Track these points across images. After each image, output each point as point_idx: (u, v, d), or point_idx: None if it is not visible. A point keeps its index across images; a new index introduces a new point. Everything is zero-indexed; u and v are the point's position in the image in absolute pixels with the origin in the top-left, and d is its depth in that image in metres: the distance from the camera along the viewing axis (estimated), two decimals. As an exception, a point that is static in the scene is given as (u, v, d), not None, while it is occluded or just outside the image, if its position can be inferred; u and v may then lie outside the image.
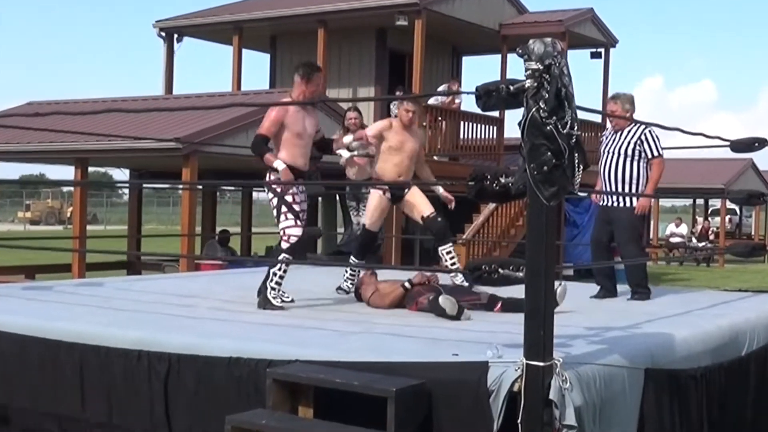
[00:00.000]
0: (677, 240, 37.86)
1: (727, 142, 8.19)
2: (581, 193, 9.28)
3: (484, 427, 4.83)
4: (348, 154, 9.11)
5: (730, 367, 6.70)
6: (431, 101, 20.65)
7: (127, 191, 27.05)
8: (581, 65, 25.96)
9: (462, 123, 21.20)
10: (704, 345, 6.43)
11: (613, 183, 8.95)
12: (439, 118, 20.46)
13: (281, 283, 7.92)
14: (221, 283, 10.11)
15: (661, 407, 5.71)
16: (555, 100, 4.57)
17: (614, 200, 8.98)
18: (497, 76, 22.19)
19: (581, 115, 4.95)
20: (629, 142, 8.90)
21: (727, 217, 42.48)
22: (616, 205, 9.01)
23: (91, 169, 19.48)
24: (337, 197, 21.89)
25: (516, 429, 4.71)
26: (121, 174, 24.83)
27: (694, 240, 38.89)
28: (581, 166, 4.74)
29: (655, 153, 8.89)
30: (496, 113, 21.47)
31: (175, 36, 23.54)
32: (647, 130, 8.86)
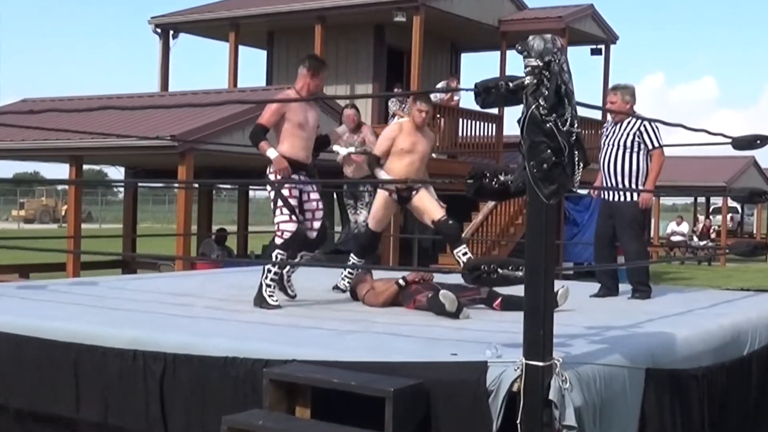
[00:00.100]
0: (678, 239, 37.88)
1: (729, 140, 8.19)
2: (581, 191, 9.24)
3: (483, 428, 4.83)
4: (345, 150, 9.11)
5: (731, 367, 6.70)
6: (431, 98, 20.63)
7: (122, 189, 27.05)
8: (581, 62, 26.03)
9: (461, 120, 21.21)
10: (706, 345, 6.43)
11: (614, 176, 8.94)
12: (438, 116, 20.46)
13: (276, 280, 7.91)
14: (217, 281, 10.11)
15: (662, 407, 5.71)
16: (555, 97, 4.57)
17: (616, 194, 8.97)
18: (496, 73, 22.19)
19: (581, 112, 4.96)
20: (629, 133, 8.89)
21: (728, 216, 42.53)
22: (617, 199, 9.00)
23: (85, 167, 19.44)
24: (335, 195, 21.89)
25: (515, 429, 4.71)
26: (116, 172, 24.83)
27: (695, 239, 38.91)
28: (581, 164, 4.73)
29: (655, 144, 8.88)
30: (495, 110, 21.47)
31: (171, 32, 23.54)
32: (646, 121, 8.84)
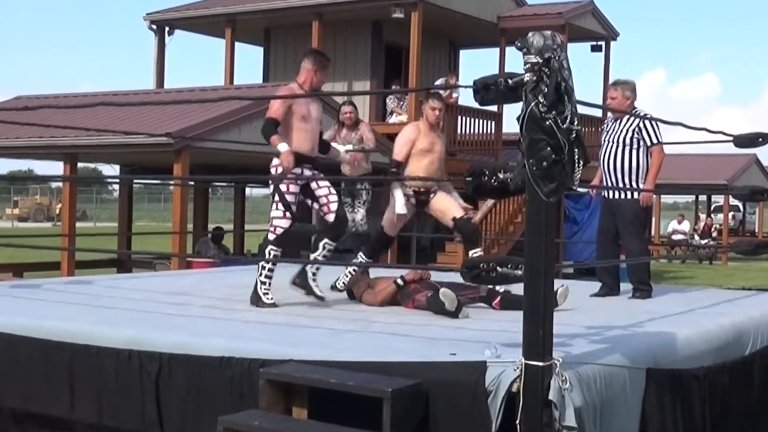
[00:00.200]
0: (679, 237, 37.89)
1: (731, 137, 8.19)
2: (581, 189, 9.25)
3: (482, 429, 4.83)
4: (342, 148, 9.09)
5: (733, 366, 6.70)
6: (428, 95, 20.63)
7: (117, 187, 27.02)
8: (581, 59, 26.03)
9: (459, 118, 21.20)
10: (707, 344, 6.43)
11: (613, 173, 8.93)
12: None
13: (271, 276, 7.89)
14: (213, 280, 10.11)
15: (663, 408, 5.71)
16: (554, 95, 4.57)
17: (617, 192, 8.97)
18: (495, 70, 22.18)
19: (581, 109, 4.96)
20: (628, 130, 8.88)
21: (730, 214, 42.51)
22: (618, 197, 8.99)
23: (80, 164, 19.45)
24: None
25: (515, 430, 4.71)
26: (111, 170, 24.80)
27: (696, 237, 38.92)
28: (581, 162, 4.73)
29: (654, 140, 8.87)
30: (495, 108, 21.47)
31: (167, 29, 23.52)
32: (646, 117, 8.84)
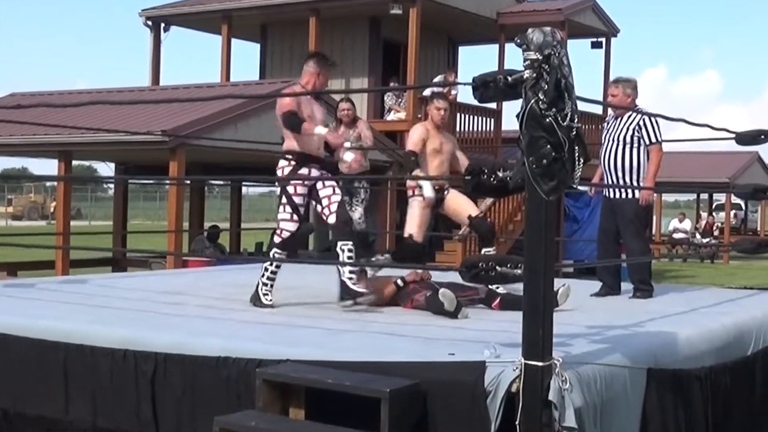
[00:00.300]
0: (681, 236, 37.90)
1: (733, 135, 8.19)
2: (581, 188, 9.24)
3: (481, 429, 4.83)
4: (350, 152, 9.06)
5: (735, 367, 6.70)
6: (426, 92, 20.63)
7: (112, 186, 27.04)
8: (581, 55, 26.07)
9: (458, 115, 21.19)
10: (709, 344, 6.44)
11: (614, 172, 8.93)
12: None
13: (274, 279, 7.89)
14: (209, 279, 10.11)
15: (663, 408, 5.71)
16: (554, 92, 4.57)
17: (617, 191, 8.97)
18: (495, 67, 22.19)
19: (581, 106, 4.95)
20: (628, 128, 8.88)
21: (732, 212, 42.51)
22: (619, 196, 8.99)
23: (75, 162, 19.41)
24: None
25: (514, 431, 4.71)
26: (106, 168, 24.88)
27: (698, 236, 38.93)
28: (581, 160, 4.73)
29: (653, 139, 8.86)
30: (494, 105, 21.46)
31: (162, 25, 23.50)
32: (646, 115, 8.83)
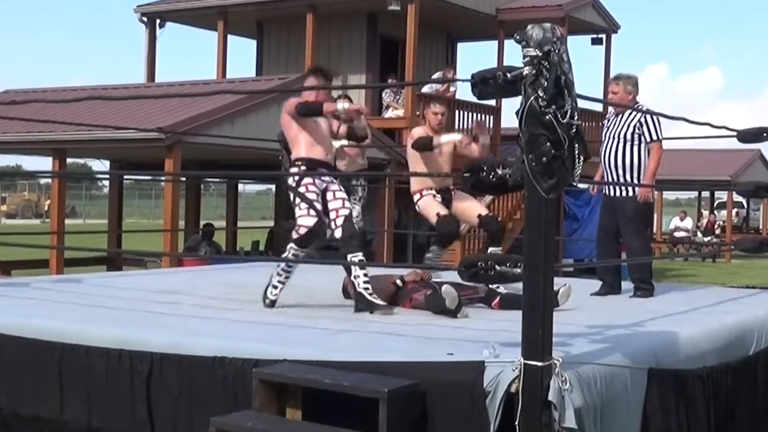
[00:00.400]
0: (682, 234, 37.92)
1: (734, 132, 8.19)
2: (582, 185, 9.23)
3: (480, 430, 4.83)
4: (337, 143, 9.05)
5: (737, 366, 6.71)
6: (425, 89, 20.63)
7: (107, 183, 26.95)
8: (581, 52, 26.06)
9: (457, 112, 21.20)
10: (710, 344, 6.44)
11: (614, 170, 8.93)
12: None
13: (287, 279, 7.80)
14: (205, 279, 10.11)
15: (665, 409, 5.72)
16: (554, 89, 4.57)
17: (617, 189, 8.97)
18: (494, 63, 22.17)
19: (582, 103, 4.96)
20: (629, 125, 8.88)
21: (734, 211, 42.53)
22: (619, 194, 8.99)
23: (69, 160, 19.44)
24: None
25: (513, 431, 4.72)
26: (101, 166, 24.80)
27: (699, 234, 38.95)
28: (582, 157, 4.74)
29: (654, 137, 8.86)
30: (493, 102, 21.47)
31: (158, 21, 23.49)
32: (648, 112, 8.83)
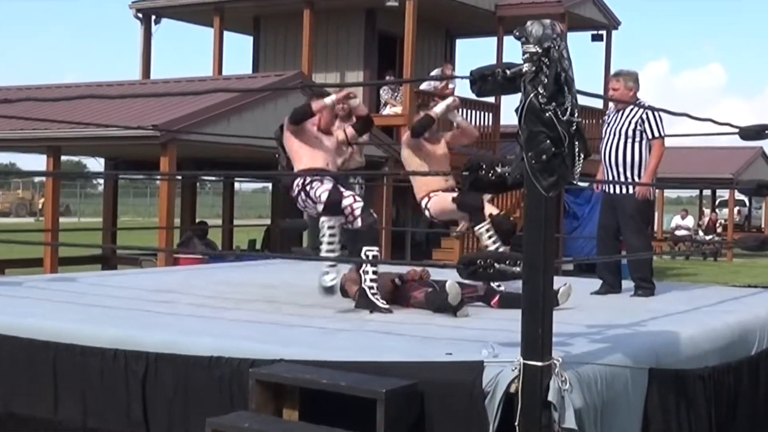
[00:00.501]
0: (683, 233, 37.91)
1: (736, 130, 8.20)
2: (582, 183, 9.23)
3: (479, 431, 4.84)
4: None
5: (739, 366, 6.71)
6: (423, 86, 20.65)
7: (102, 181, 26.98)
8: (582, 48, 26.06)
9: (456, 109, 21.16)
10: (712, 343, 6.44)
11: (614, 166, 8.92)
12: (432, 104, 20.42)
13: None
14: (201, 277, 10.10)
15: (666, 409, 5.72)
16: (554, 85, 4.57)
17: (617, 186, 8.96)
18: (493, 60, 22.18)
19: (582, 100, 4.96)
20: (630, 122, 8.88)
21: (735, 209, 42.57)
22: (619, 192, 8.99)
23: (64, 158, 19.39)
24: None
25: (513, 432, 4.72)
26: (95, 163, 24.79)
27: (700, 233, 38.96)
28: (582, 155, 4.74)
29: (656, 134, 8.86)
30: (492, 99, 21.48)
31: (153, 17, 23.49)
32: (649, 109, 8.83)
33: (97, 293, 8.38)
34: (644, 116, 8.82)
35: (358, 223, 7.69)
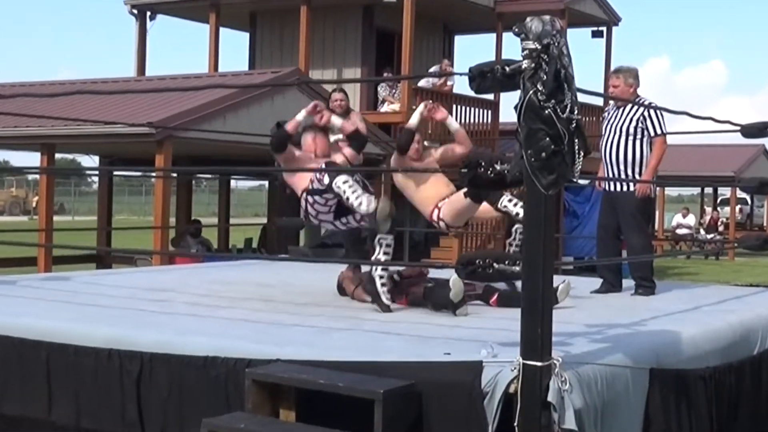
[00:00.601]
0: (684, 231, 37.95)
1: (738, 127, 8.19)
2: (582, 182, 9.21)
3: (478, 431, 4.84)
4: (332, 138, 9.06)
5: (740, 366, 6.70)
6: (421, 83, 20.64)
7: (96, 179, 26.97)
8: (582, 44, 26.06)
9: (454, 106, 21.19)
10: (713, 343, 6.43)
11: (614, 164, 8.92)
12: (430, 102, 20.41)
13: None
14: (197, 277, 10.09)
15: (666, 409, 5.72)
16: (554, 82, 4.57)
17: (617, 184, 8.96)
18: (492, 57, 22.20)
19: (582, 97, 4.95)
20: (631, 119, 8.87)
21: (737, 207, 42.59)
22: (619, 189, 8.99)
23: (58, 155, 19.41)
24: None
25: (512, 433, 4.72)
26: (90, 161, 24.76)
27: (702, 231, 38.98)
28: (582, 153, 4.73)
29: (658, 131, 8.86)
30: (491, 96, 21.48)
31: (148, 13, 23.44)
32: (650, 106, 8.83)
33: (92, 292, 8.37)
34: (645, 113, 8.82)
35: (370, 206, 7.42)
